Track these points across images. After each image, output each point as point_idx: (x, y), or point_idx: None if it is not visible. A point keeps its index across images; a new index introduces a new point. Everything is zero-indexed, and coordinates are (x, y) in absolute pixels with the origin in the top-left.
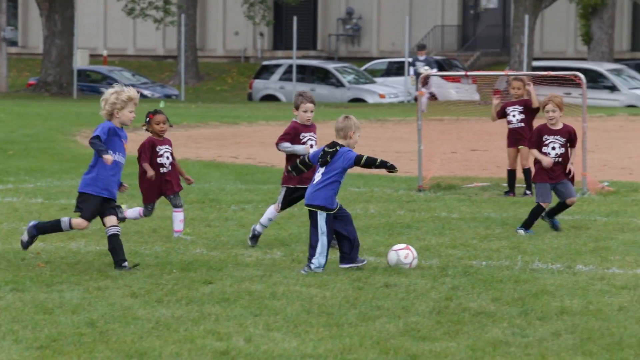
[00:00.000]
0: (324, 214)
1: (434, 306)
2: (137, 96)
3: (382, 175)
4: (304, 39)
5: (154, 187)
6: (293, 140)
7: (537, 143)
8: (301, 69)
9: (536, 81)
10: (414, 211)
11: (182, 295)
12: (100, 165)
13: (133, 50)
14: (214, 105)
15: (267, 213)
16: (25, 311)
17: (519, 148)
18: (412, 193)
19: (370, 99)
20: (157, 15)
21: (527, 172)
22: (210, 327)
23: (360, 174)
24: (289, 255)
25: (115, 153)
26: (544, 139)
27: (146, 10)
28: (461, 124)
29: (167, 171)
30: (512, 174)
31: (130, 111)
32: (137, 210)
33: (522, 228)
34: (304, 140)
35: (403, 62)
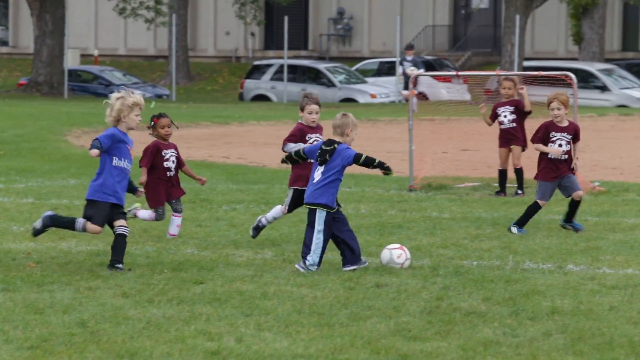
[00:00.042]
0: (324, 213)
1: (425, 306)
2: (142, 101)
3: (373, 175)
4: (295, 39)
5: (161, 191)
6: (299, 141)
7: (543, 138)
8: (292, 68)
9: (527, 81)
10: (405, 211)
11: (173, 295)
12: (107, 171)
13: (124, 50)
14: (205, 105)
15: (274, 212)
16: (16, 311)
17: (511, 148)
18: (403, 193)
19: (362, 99)
20: (148, 15)
21: (519, 172)
22: (201, 327)
23: (352, 174)
24: (280, 255)
25: (121, 159)
26: (551, 135)
27: (137, 10)
28: (452, 124)
29: (173, 175)
30: (503, 174)
31: (137, 115)
32: (148, 213)
33: (516, 226)
34: (311, 141)
35: (394, 62)
